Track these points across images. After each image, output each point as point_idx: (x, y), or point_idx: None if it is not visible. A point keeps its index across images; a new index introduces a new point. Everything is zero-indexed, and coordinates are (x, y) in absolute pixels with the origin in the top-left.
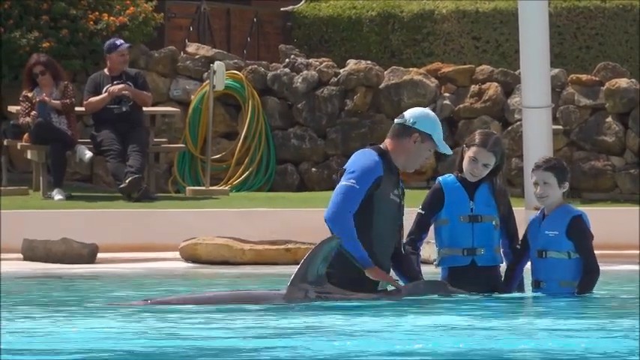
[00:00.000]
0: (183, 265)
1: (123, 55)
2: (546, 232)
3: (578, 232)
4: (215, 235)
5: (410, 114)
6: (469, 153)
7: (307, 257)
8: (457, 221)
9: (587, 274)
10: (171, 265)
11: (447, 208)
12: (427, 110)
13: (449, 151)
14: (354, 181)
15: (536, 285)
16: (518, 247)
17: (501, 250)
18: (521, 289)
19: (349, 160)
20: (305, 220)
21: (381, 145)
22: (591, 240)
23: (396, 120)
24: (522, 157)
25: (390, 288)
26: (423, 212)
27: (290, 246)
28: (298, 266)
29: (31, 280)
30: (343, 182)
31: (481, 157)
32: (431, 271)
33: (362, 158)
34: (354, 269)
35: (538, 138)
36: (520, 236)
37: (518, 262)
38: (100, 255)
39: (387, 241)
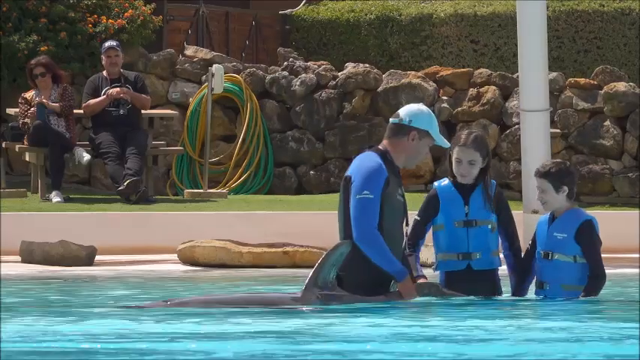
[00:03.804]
0: (181, 267)
1: (109, 57)
2: (555, 234)
3: (587, 236)
4: (213, 238)
5: (405, 112)
6: (453, 155)
7: (320, 262)
8: (452, 226)
9: (592, 278)
10: (169, 267)
11: (443, 214)
12: (421, 106)
13: (446, 145)
14: (367, 192)
15: (540, 286)
16: (519, 248)
17: (501, 253)
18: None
19: (352, 167)
20: (303, 223)
21: (380, 147)
22: (599, 246)
23: (391, 120)
24: (520, 160)
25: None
26: (419, 218)
27: (288, 249)
28: (312, 271)
29: (30, 283)
30: (357, 196)
31: (463, 156)
32: (429, 274)
33: (366, 163)
34: (365, 273)
35: (536, 141)
36: (520, 238)
37: (529, 263)
38: (98, 257)
39: (397, 243)
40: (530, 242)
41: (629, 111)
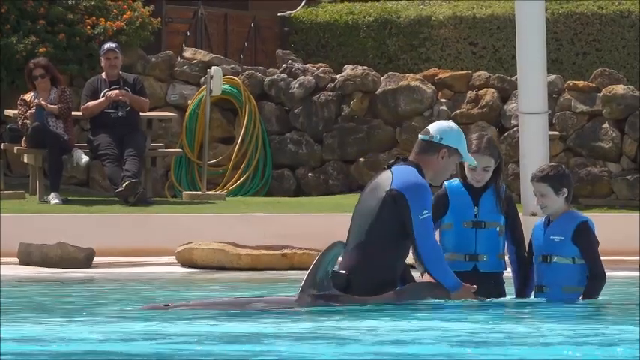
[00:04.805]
0: (179, 269)
1: (109, 59)
2: (552, 236)
3: (584, 237)
4: (211, 240)
5: (435, 129)
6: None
7: (315, 263)
8: (461, 227)
9: (592, 279)
10: (167, 269)
11: (452, 213)
12: (450, 123)
13: (474, 163)
14: (426, 212)
15: (540, 290)
16: (526, 253)
17: (507, 256)
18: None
19: (397, 181)
20: (301, 225)
21: (412, 160)
22: (597, 246)
23: (420, 136)
24: (519, 163)
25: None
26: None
27: (286, 251)
28: (307, 273)
29: (28, 284)
30: (420, 217)
31: (479, 162)
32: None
33: (414, 180)
34: (373, 274)
35: (534, 144)
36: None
37: (530, 268)
38: (96, 259)
39: (408, 251)
40: (527, 249)
41: (627, 113)
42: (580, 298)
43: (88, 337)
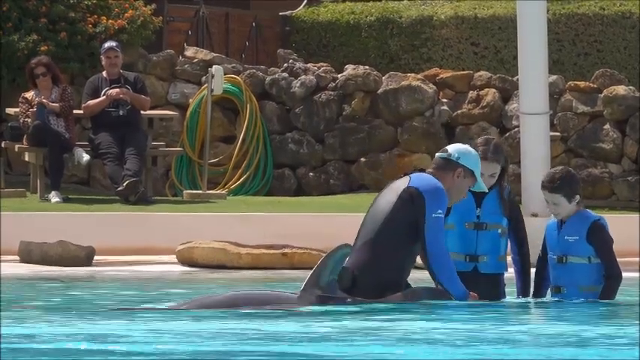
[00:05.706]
0: (179, 268)
1: (109, 58)
2: (566, 237)
3: (599, 236)
4: (212, 239)
5: (454, 149)
6: None
7: (320, 263)
8: (462, 227)
9: (608, 279)
10: (167, 268)
11: (454, 214)
12: (469, 147)
13: (485, 190)
14: (440, 212)
15: (557, 291)
16: (527, 252)
17: (511, 257)
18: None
19: (416, 182)
20: (302, 224)
21: (431, 172)
22: (611, 244)
23: (438, 154)
24: (519, 163)
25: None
26: None
27: (286, 250)
28: (311, 272)
29: (28, 283)
30: (433, 215)
31: (486, 170)
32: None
33: (434, 182)
34: (380, 274)
35: (535, 144)
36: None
37: (544, 269)
38: (96, 258)
39: (414, 261)
40: (540, 250)
41: (628, 114)
42: (598, 299)
43: (88, 336)
